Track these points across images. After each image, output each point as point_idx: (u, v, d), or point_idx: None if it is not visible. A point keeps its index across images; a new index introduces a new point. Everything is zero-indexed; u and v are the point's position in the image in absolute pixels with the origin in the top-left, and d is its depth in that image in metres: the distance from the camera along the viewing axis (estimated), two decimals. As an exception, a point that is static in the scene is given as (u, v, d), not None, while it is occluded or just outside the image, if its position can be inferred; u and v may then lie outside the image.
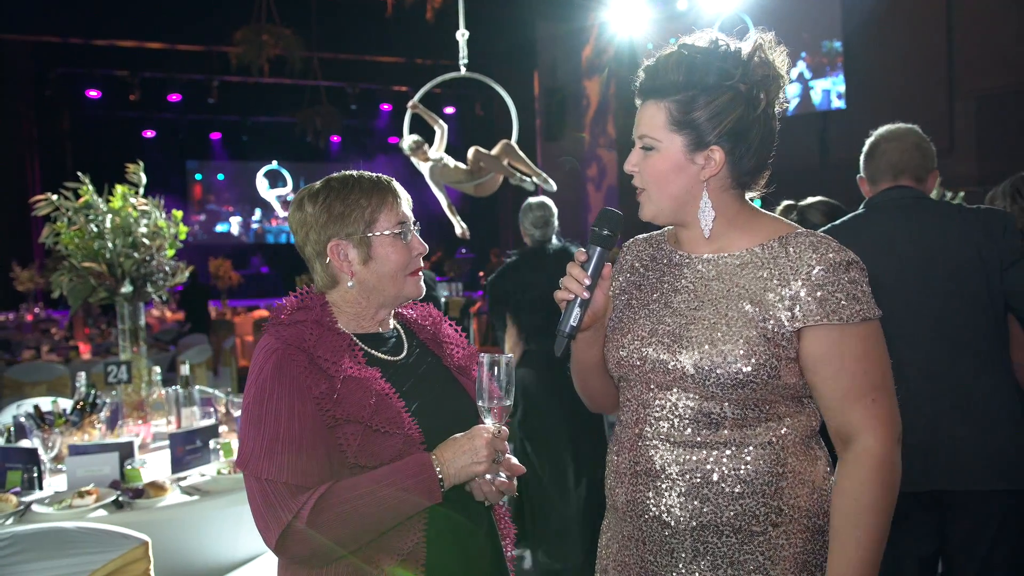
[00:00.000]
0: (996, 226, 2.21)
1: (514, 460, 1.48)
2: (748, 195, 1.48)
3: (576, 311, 1.39)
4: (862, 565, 1.31)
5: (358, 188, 1.48)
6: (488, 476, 1.41)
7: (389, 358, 1.51)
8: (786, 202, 3.10)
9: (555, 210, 3.99)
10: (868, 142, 2.51)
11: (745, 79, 1.36)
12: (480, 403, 1.41)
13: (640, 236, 1.63)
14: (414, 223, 1.54)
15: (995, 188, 2.79)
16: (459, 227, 5.93)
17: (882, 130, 2.50)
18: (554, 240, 3.96)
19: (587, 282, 1.38)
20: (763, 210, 1.49)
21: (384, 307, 1.53)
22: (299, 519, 1.28)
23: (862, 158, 2.52)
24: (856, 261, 1.35)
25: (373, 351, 1.49)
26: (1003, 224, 2.23)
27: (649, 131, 1.40)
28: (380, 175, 1.53)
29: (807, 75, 12.31)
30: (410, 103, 5.87)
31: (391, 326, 1.58)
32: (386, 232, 1.47)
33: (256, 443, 1.33)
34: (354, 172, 1.53)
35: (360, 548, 1.35)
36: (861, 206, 2.47)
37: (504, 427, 1.42)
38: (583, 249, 1.41)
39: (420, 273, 1.53)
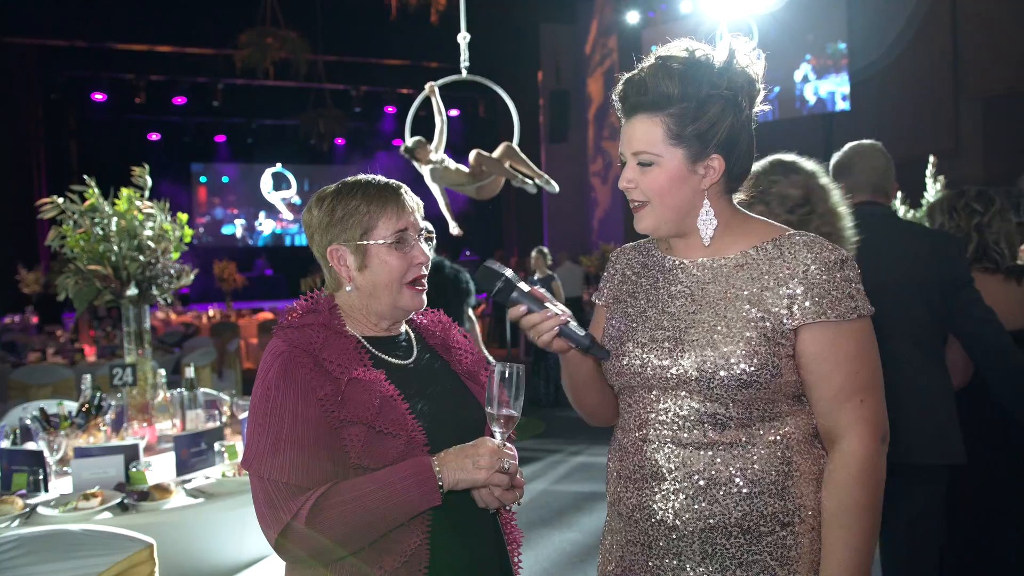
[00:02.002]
0: (948, 250, 2.48)
1: (518, 473, 1.48)
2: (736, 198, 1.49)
3: (573, 331, 1.40)
4: (850, 565, 1.32)
5: (361, 193, 1.47)
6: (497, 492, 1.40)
7: (396, 361, 1.51)
8: None
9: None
10: (841, 156, 2.74)
11: (730, 86, 1.37)
12: (489, 410, 1.41)
13: (627, 244, 1.63)
14: (422, 231, 1.52)
15: (934, 202, 3.05)
16: (453, 226, 5.95)
17: (855, 145, 2.74)
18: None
19: (548, 313, 1.39)
20: (752, 214, 1.49)
21: (384, 316, 1.51)
22: (298, 519, 1.29)
23: (835, 169, 2.73)
24: (849, 259, 1.37)
25: (381, 354, 1.49)
26: (956, 248, 2.50)
27: (647, 147, 1.38)
28: (391, 181, 1.51)
29: (812, 77, 12.29)
30: (430, 83, 5.88)
31: (402, 330, 1.58)
32: (381, 241, 1.46)
33: (260, 443, 1.35)
34: (367, 177, 1.52)
35: (363, 548, 1.35)
36: None
37: (512, 436, 1.42)
38: (516, 307, 1.40)
39: (423, 285, 1.51)
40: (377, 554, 1.36)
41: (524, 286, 1.42)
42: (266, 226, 19.64)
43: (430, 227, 1.56)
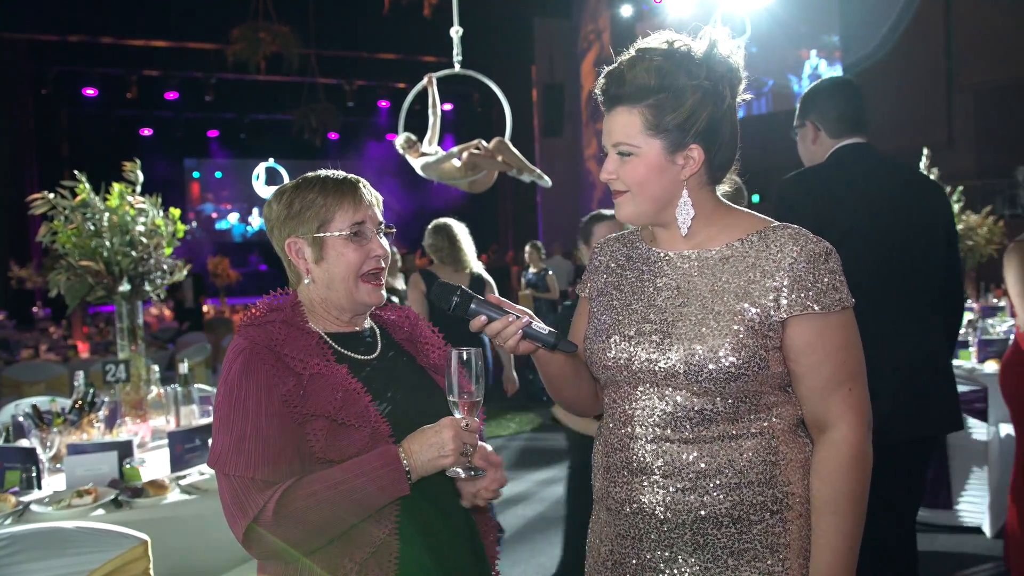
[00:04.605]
0: None
1: (489, 448, 1.48)
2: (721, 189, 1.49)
3: (537, 331, 1.40)
4: (842, 550, 1.35)
5: (319, 187, 1.47)
6: (462, 473, 1.39)
7: (359, 356, 1.51)
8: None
9: None
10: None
11: (709, 76, 1.37)
12: (450, 397, 1.39)
13: (611, 236, 1.64)
14: (381, 225, 1.52)
15: None
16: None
17: None
18: None
19: (510, 318, 1.39)
20: (736, 206, 1.50)
21: (344, 310, 1.51)
22: (264, 513, 1.29)
23: None
24: (833, 251, 1.39)
25: (343, 350, 1.49)
26: None
27: (625, 138, 1.39)
28: (350, 176, 1.52)
29: (808, 69, 12.30)
30: (429, 75, 5.86)
31: (367, 326, 1.58)
32: (336, 233, 1.46)
33: (225, 441, 1.34)
34: (327, 171, 1.52)
35: (333, 541, 1.35)
36: None
37: (474, 420, 1.40)
38: (476, 318, 1.41)
39: (380, 280, 1.50)
40: (346, 546, 1.35)
41: (480, 296, 1.43)
42: (231, 218, 19.70)
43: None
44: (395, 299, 4.75)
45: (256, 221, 19.72)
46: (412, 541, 1.40)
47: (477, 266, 4.53)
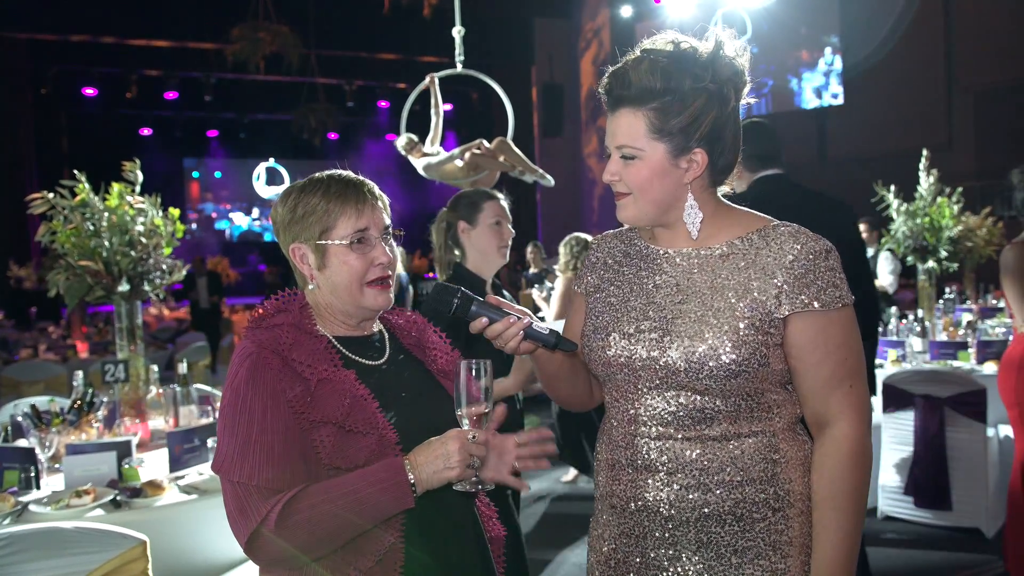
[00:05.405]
0: None
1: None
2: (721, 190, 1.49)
3: (537, 331, 1.39)
4: (843, 546, 1.36)
5: (322, 191, 1.44)
6: (468, 486, 1.37)
7: (367, 362, 1.48)
8: None
9: None
10: None
11: (715, 79, 1.36)
12: (458, 410, 1.37)
13: (609, 232, 1.63)
14: (388, 229, 1.48)
15: None
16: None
17: None
18: None
19: (511, 319, 1.38)
20: (736, 206, 1.49)
21: (350, 315, 1.48)
22: (267, 523, 1.27)
23: None
24: (832, 249, 1.39)
25: (351, 354, 1.46)
26: None
27: (629, 141, 1.38)
28: (356, 178, 1.48)
29: (823, 66, 12.29)
30: (431, 74, 5.86)
31: (375, 330, 1.55)
32: (337, 241, 1.42)
33: (230, 446, 1.33)
34: (334, 172, 1.48)
35: (337, 549, 1.33)
36: None
37: (482, 432, 1.38)
38: (477, 319, 1.40)
39: (387, 284, 1.47)
40: (352, 555, 1.34)
41: (479, 298, 1.41)
42: (236, 219, 19.71)
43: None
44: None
45: (245, 220, 19.74)
46: (419, 549, 1.38)
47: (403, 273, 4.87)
